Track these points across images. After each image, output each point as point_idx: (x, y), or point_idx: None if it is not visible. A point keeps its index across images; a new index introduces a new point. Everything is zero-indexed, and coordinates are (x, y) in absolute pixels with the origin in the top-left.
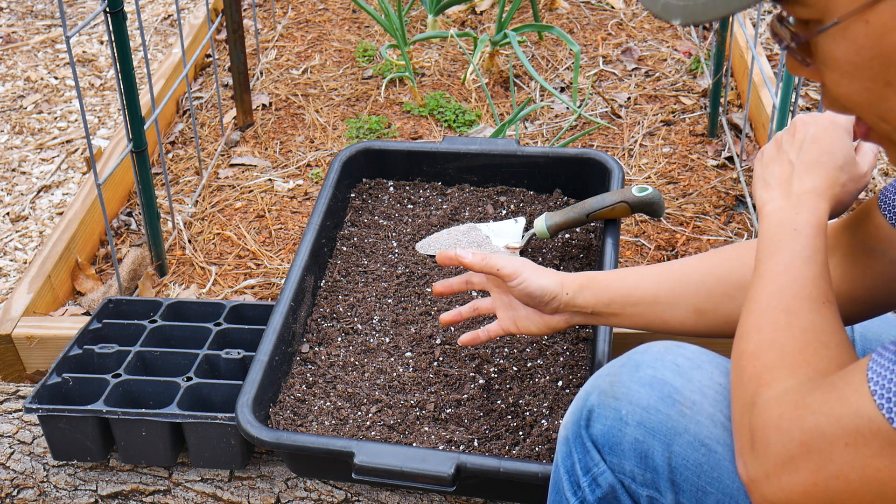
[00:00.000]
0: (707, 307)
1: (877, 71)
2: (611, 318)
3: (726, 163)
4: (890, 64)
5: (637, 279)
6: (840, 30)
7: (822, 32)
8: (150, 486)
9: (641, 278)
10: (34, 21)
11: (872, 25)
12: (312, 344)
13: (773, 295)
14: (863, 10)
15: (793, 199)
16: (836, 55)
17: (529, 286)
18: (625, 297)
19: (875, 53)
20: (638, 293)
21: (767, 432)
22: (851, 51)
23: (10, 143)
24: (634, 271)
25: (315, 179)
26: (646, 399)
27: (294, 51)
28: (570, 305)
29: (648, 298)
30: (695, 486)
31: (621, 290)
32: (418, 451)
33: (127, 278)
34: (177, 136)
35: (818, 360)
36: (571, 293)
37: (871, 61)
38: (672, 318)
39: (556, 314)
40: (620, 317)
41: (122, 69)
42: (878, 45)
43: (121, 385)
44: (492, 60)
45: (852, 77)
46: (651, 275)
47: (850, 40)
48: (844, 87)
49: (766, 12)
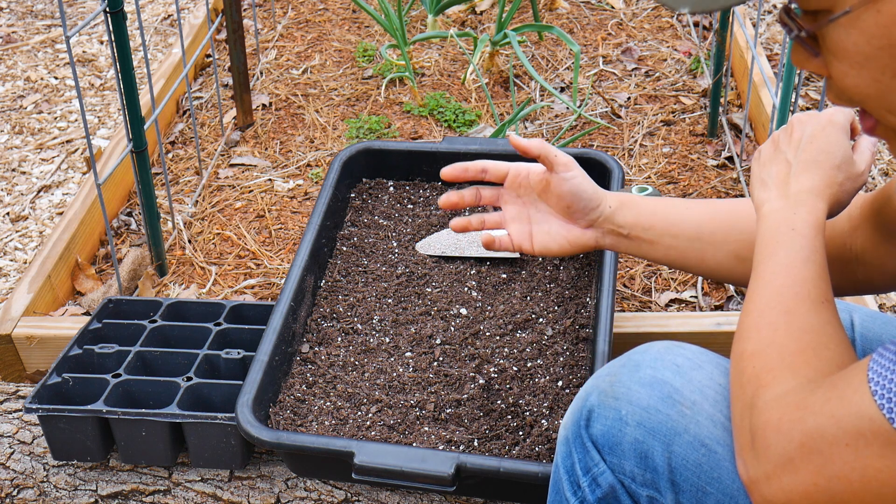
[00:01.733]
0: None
1: (886, 61)
2: (643, 244)
3: (726, 163)
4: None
5: (682, 211)
6: (851, 19)
7: (833, 22)
8: (150, 486)
9: (687, 210)
10: (34, 21)
11: (884, 14)
12: (312, 344)
13: (772, 295)
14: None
15: (790, 198)
16: (846, 45)
17: (582, 183)
18: (666, 226)
19: (886, 43)
20: (681, 225)
21: (768, 433)
22: (862, 40)
23: (10, 143)
24: (679, 202)
25: (315, 179)
26: (646, 399)
27: (294, 51)
28: (608, 220)
29: (690, 233)
30: (695, 486)
31: (665, 217)
32: (418, 451)
33: (127, 278)
34: (177, 136)
35: (818, 360)
36: (614, 207)
37: (881, 51)
38: (711, 259)
39: (589, 229)
40: (655, 245)
41: (122, 69)
42: (889, 35)
43: (121, 385)
44: (492, 60)
45: (861, 68)
46: (698, 210)
47: (861, 30)
48: (853, 78)
49: (767, 12)
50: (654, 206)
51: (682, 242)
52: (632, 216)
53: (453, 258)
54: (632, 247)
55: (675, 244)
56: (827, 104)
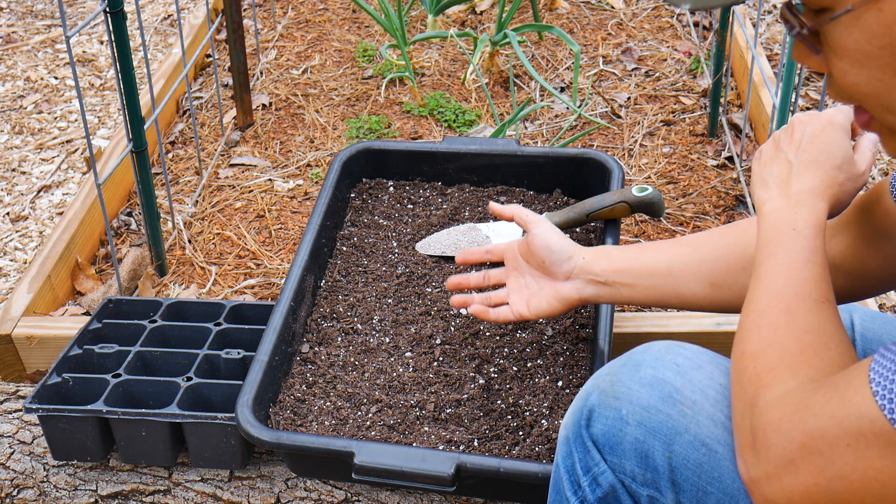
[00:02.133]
0: (723, 281)
1: (887, 60)
2: (623, 288)
3: (726, 163)
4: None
5: (652, 252)
6: (853, 18)
7: (835, 20)
8: (150, 486)
9: (656, 251)
10: (34, 21)
11: (886, 13)
12: (312, 344)
13: (772, 295)
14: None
15: (791, 198)
16: (846, 44)
17: (551, 237)
18: (640, 268)
19: (887, 42)
20: (653, 265)
21: (768, 433)
22: (863, 39)
23: (10, 143)
24: (649, 246)
25: (315, 179)
26: (646, 399)
27: (294, 51)
28: (584, 271)
29: (663, 270)
30: (695, 485)
31: (637, 261)
32: (418, 451)
33: (127, 278)
34: (177, 136)
35: (819, 360)
36: (588, 258)
37: (882, 50)
38: (687, 291)
39: (569, 281)
40: (634, 288)
41: (122, 69)
42: (890, 34)
43: (121, 385)
44: (492, 60)
45: (862, 66)
46: (666, 248)
47: (863, 28)
48: (853, 76)
49: (767, 12)
50: (625, 252)
51: (658, 280)
52: (606, 263)
53: (453, 258)
54: (613, 293)
55: (651, 283)
56: (827, 104)
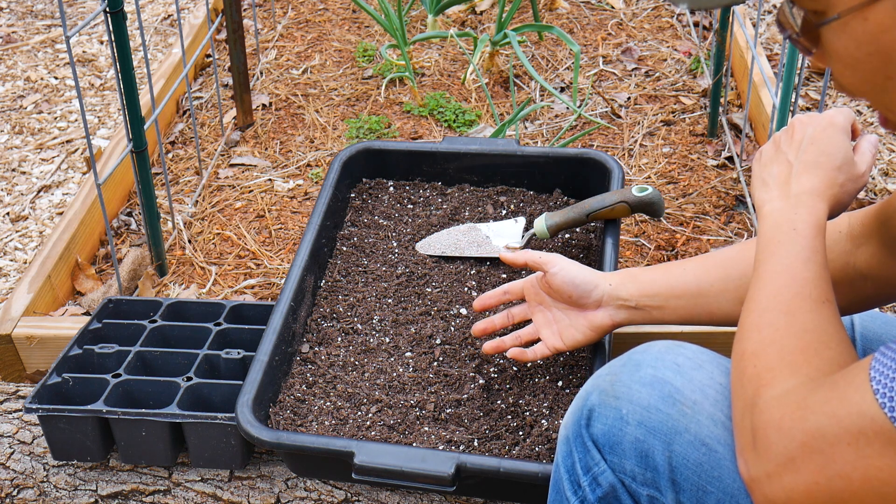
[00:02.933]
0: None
1: (876, 65)
2: (654, 311)
3: (726, 163)
4: (889, 60)
5: (679, 272)
6: (841, 24)
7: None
8: (150, 486)
9: (683, 271)
10: (34, 21)
11: (871, 23)
12: (312, 344)
13: (772, 295)
14: (862, 7)
15: (791, 199)
16: (837, 48)
17: (571, 271)
18: (669, 290)
19: (874, 50)
20: (682, 286)
21: (769, 433)
22: (852, 45)
23: (10, 143)
24: (674, 266)
25: (315, 179)
26: (646, 398)
27: (294, 51)
28: (613, 297)
29: (693, 291)
30: (695, 485)
31: (666, 283)
32: (418, 451)
33: (127, 278)
34: (177, 136)
35: (819, 359)
36: (615, 284)
37: (870, 56)
38: (719, 310)
39: (600, 309)
40: (664, 310)
41: (122, 69)
42: (876, 42)
43: (121, 385)
44: (492, 60)
45: (854, 69)
46: (692, 268)
47: (850, 35)
48: (848, 77)
49: (767, 12)
50: (652, 274)
51: (688, 301)
52: (634, 288)
53: (453, 258)
54: (644, 316)
55: (681, 304)
56: (827, 104)
